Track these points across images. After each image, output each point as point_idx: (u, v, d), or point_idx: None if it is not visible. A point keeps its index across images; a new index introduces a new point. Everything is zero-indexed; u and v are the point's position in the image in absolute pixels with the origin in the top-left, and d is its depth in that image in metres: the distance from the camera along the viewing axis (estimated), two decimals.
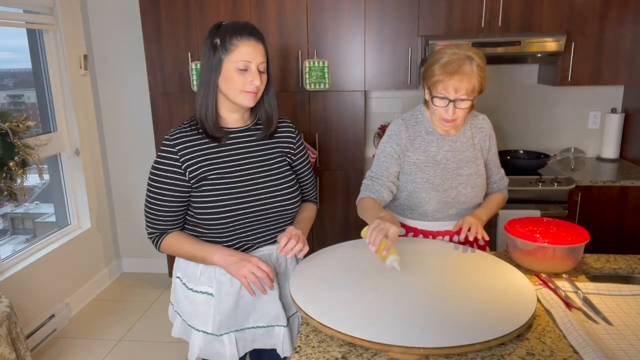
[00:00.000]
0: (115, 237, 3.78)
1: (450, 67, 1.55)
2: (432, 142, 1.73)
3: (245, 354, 1.61)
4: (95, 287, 3.51)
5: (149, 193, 1.44)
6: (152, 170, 1.43)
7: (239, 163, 1.46)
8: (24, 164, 2.54)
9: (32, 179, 2.74)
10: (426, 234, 1.80)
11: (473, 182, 1.74)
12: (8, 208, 3.18)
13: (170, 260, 3.40)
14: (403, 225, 1.84)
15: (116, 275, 3.78)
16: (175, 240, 1.47)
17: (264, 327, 1.54)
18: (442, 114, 1.63)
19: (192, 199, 1.44)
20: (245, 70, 1.37)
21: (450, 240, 1.79)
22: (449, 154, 1.73)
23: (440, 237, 1.79)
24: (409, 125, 1.74)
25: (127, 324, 3.09)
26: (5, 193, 2.48)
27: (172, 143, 1.41)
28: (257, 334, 1.55)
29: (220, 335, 1.50)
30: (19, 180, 2.51)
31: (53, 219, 3.38)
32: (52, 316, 2.95)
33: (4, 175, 2.45)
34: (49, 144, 3.09)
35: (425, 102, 1.73)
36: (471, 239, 1.62)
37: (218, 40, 1.36)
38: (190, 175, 1.41)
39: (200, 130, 1.43)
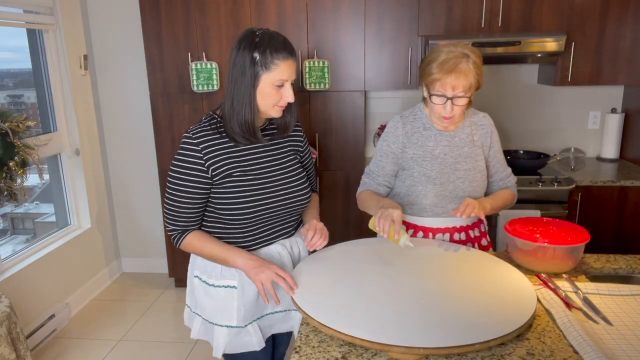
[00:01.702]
0: (115, 237, 3.78)
1: (447, 65, 1.58)
2: (430, 138, 1.76)
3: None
4: (95, 287, 3.51)
5: (170, 191, 1.47)
6: (174, 168, 1.45)
7: (259, 160, 1.51)
8: (24, 164, 2.54)
9: (32, 179, 2.74)
10: (426, 230, 1.80)
11: (471, 177, 1.75)
12: (8, 208, 3.18)
13: (171, 260, 3.40)
14: (403, 222, 1.84)
15: (116, 275, 3.78)
16: (197, 240, 1.49)
17: (281, 311, 1.61)
18: (440, 112, 1.66)
19: (213, 196, 1.48)
20: (281, 86, 1.42)
21: (451, 238, 1.79)
22: (447, 149, 1.75)
23: (441, 235, 1.79)
24: (406, 122, 1.78)
25: (127, 324, 3.09)
26: (5, 193, 2.48)
27: (195, 141, 1.43)
28: (275, 319, 1.61)
29: (245, 326, 1.54)
30: (19, 180, 2.51)
31: (53, 219, 3.38)
32: (52, 316, 2.95)
33: (4, 175, 2.45)
34: (49, 144, 3.09)
35: (424, 100, 1.75)
36: (465, 217, 1.60)
37: (258, 56, 1.37)
38: (213, 173, 1.44)
39: (221, 130, 1.46)
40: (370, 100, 3.43)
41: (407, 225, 1.83)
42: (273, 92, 1.41)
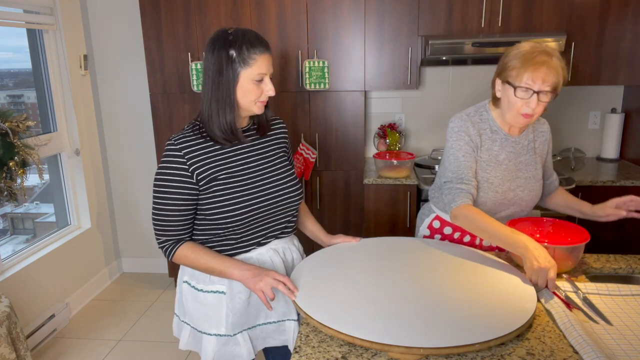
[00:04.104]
0: (115, 237, 3.78)
1: (538, 57, 1.51)
2: (496, 141, 1.69)
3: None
4: (95, 287, 3.51)
5: (157, 200, 1.43)
6: (159, 177, 1.42)
7: (245, 161, 1.49)
8: (24, 164, 2.54)
9: (32, 179, 2.74)
10: (473, 235, 1.79)
11: (531, 185, 1.72)
12: (8, 208, 3.18)
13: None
14: (449, 224, 1.82)
15: (116, 275, 3.78)
16: (191, 252, 1.45)
17: (274, 322, 1.57)
18: (521, 108, 1.57)
19: (201, 202, 1.45)
20: (261, 81, 1.41)
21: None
22: (511, 155, 1.70)
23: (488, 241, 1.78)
24: (474, 121, 1.69)
25: (127, 324, 3.09)
26: (5, 193, 2.48)
27: (177, 147, 1.41)
28: (268, 331, 1.57)
29: (234, 335, 1.51)
30: (19, 180, 2.51)
31: (53, 219, 3.38)
32: (52, 316, 2.95)
33: (4, 175, 2.45)
34: (49, 144, 3.09)
35: (494, 101, 1.68)
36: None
37: (234, 53, 1.36)
38: (198, 178, 1.42)
39: (204, 134, 1.44)
40: (370, 100, 3.43)
41: (453, 228, 1.81)
42: (254, 87, 1.40)
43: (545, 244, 1.50)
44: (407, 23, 2.93)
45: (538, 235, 1.54)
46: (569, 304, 1.34)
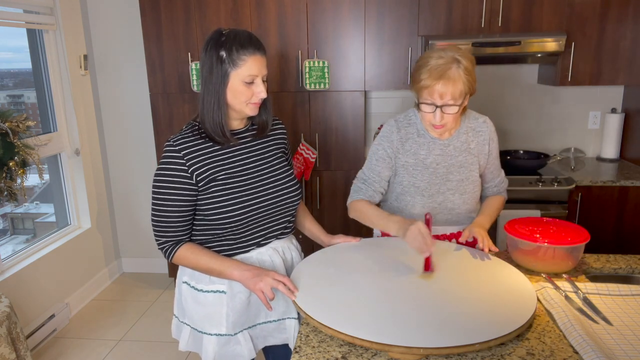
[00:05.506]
0: (115, 237, 3.78)
1: (436, 72, 1.52)
2: (423, 145, 1.70)
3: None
4: (95, 287, 3.51)
5: (156, 202, 1.43)
6: (158, 178, 1.42)
7: (244, 162, 1.49)
8: (24, 164, 2.54)
9: (32, 179, 2.74)
10: None
11: (463, 188, 1.71)
12: (8, 208, 3.18)
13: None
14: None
15: (116, 275, 3.78)
16: (190, 253, 1.45)
17: (275, 321, 1.57)
18: (430, 120, 1.60)
19: (200, 203, 1.45)
20: (252, 83, 1.40)
21: None
22: (440, 158, 1.69)
23: None
24: (401, 126, 1.72)
25: (127, 324, 3.09)
26: (5, 193, 2.48)
27: (176, 148, 1.41)
28: (269, 329, 1.57)
29: (235, 334, 1.51)
30: (19, 180, 2.51)
31: (53, 219, 3.38)
32: (52, 316, 2.95)
33: (4, 175, 2.45)
34: (49, 144, 3.09)
35: (417, 105, 1.70)
36: (486, 250, 1.59)
37: (224, 53, 1.36)
38: (197, 179, 1.42)
39: (203, 135, 1.45)
40: (370, 100, 3.43)
41: None
42: (244, 89, 1.40)
43: (546, 244, 1.51)
44: (407, 23, 2.93)
45: (538, 235, 1.54)
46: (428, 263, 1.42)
